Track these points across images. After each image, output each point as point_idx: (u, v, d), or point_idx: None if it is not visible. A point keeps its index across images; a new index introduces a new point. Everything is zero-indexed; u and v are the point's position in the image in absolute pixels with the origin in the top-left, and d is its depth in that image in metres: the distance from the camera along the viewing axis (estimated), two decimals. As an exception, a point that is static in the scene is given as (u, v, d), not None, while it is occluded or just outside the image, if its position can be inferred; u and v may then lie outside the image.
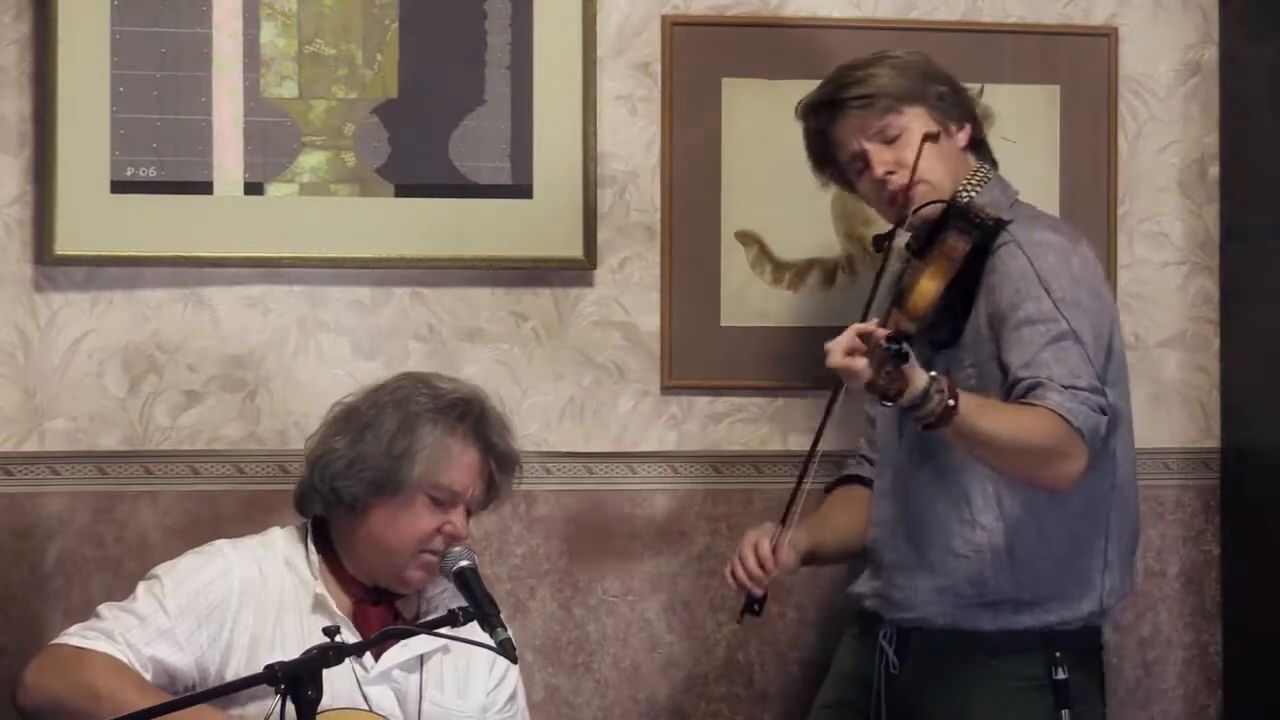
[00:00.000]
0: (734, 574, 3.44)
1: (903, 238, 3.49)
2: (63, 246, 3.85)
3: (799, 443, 4.01)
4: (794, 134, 3.99)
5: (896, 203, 3.45)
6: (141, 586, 3.26)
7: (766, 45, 4.05)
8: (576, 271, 4.01)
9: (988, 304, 3.37)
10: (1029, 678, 3.40)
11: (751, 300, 4.06)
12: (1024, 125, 4.09)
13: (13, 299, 3.88)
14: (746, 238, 4.05)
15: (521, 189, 3.98)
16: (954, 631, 3.43)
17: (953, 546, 3.42)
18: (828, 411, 3.32)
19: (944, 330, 3.41)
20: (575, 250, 4.00)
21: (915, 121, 3.45)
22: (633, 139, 4.04)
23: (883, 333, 3.07)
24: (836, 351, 3.10)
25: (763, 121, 4.03)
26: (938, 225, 3.40)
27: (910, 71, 3.49)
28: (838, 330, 4.00)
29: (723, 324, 4.05)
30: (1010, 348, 3.32)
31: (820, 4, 4.09)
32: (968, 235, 3.35)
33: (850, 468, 3.76)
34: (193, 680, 3.20)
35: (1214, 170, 4.19)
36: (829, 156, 3.57)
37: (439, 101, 3.97)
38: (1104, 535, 3.45)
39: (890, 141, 3.45)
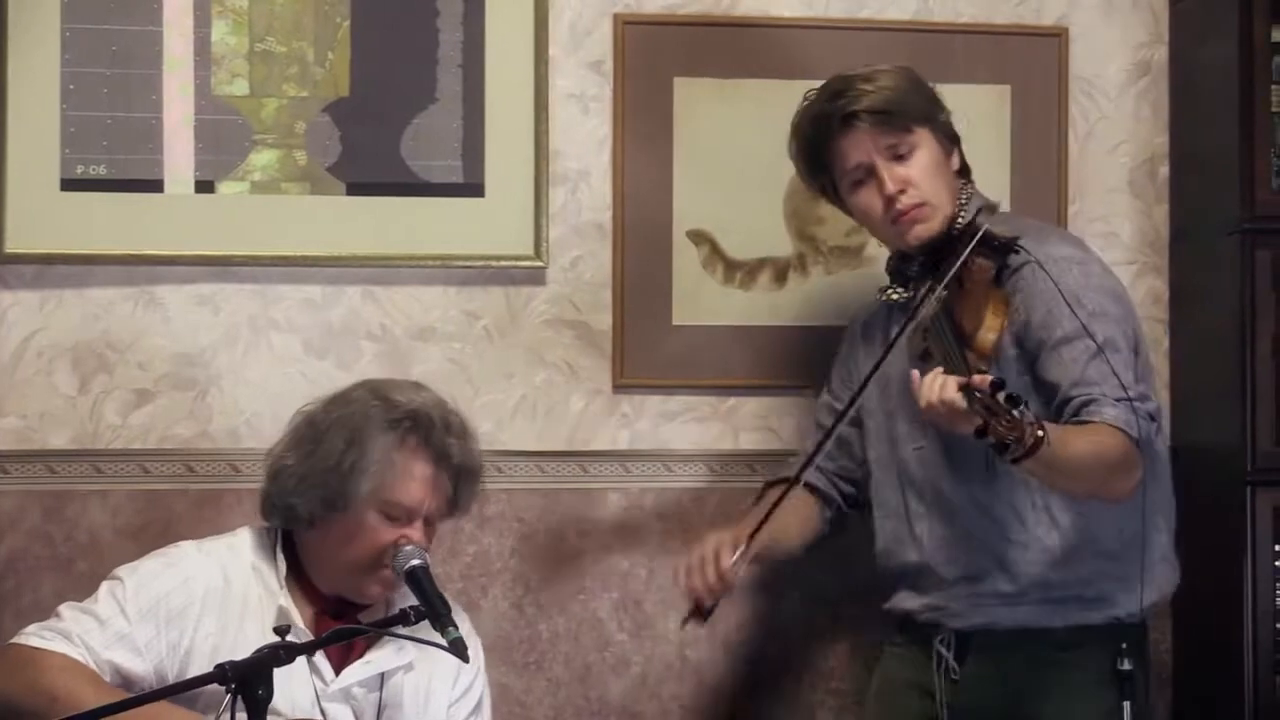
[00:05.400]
0: (688, 579, 3.39)
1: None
2: (12, 244, 3.84)
3: (750, 441, 4.02)
4: (746, 133, 3.99)
5: (900, 222, 3.42)
6: (104, 587, 3.19)
7: (718, 44, 4.05)
8: (528, 270, 4.01)
9: (1013, 323, 3.34)
10: (1096, 670, 3.37)
11: (703, 299, 4.05)
12: (975, 125, 4.06)
13: (-39, 297, 3.87)
14: (698, 236, 4.04)
15: (473, 187, 3.97)
16: (1021, 631, 3.42)
17: (1013, 558, 3.40)
18: (821, 444, 3.35)
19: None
20: (527, 249, 3.99)
21: (924, 142, 3.43)
22: (584, 137, 4.04)
23: (984, 379, 2.99)
24: (932, 389, 3.04)
25: (715, 120, 4.03)
26: (944, 250, 3.36)
27: (921, 91, 3.47)
28: (789, 330, 3.99)
29: (674, 323, 4.05)
30: (1052, 367, 3.33)
31: (772, 3, 4.09)
32: (992, 260, 3.34)
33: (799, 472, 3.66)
34: (151, 687, 3.11)
35: (1164, 170, 4.21)
36: (824, 165, 3.50)
37: (391, 100, 3.96)
38: (1158, 529, 3.46)
39: (900, 159, 3.41)
